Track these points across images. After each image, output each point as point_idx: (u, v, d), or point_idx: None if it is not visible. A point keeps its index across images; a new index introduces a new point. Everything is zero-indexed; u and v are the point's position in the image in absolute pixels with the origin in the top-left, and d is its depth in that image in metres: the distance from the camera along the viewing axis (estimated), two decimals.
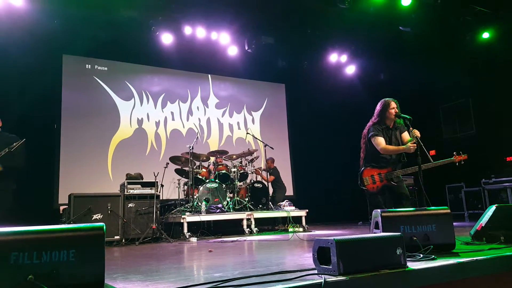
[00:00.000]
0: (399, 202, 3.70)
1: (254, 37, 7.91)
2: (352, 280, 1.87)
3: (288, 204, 6.69)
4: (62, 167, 6.95)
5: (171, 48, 7.62)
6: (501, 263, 2.42)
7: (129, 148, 7.70)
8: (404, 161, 3.83)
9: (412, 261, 2.24)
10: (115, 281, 2.21)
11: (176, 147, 7.66)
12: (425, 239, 2.53)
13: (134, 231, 5.28)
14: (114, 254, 4.08)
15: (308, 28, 7.77)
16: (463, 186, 8.45)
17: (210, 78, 9.00)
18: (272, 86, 9.80)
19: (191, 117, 8.59)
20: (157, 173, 5.72)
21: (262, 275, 2.06)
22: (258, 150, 8.01)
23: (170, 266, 2.91)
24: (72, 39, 7.03)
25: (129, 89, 8.02)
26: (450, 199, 8.68)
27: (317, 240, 2.07)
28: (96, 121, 7.47)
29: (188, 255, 3.75)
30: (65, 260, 1.77)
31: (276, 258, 3.08)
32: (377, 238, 2.10)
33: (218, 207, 5.97)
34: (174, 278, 2.22)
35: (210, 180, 6.32)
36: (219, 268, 2.60)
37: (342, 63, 9.17)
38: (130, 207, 5.41)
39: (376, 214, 2.62)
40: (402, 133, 3.88)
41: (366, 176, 3.87)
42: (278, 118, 9.67)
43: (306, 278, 1.90)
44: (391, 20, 7.31)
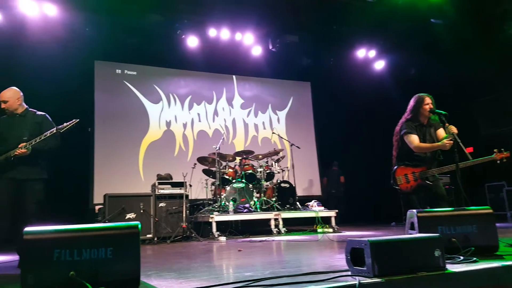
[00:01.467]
0: (435, 202, 3.55)
1: (278, 36, 7.89)
2: (387, 282, 1.81)
3: (317, 204, 6.60)
4: (96, 169, 7.23)
5: (196, 50, 7.75)
6: None
7: (159, 150, 7.87)
8: (440, 159, 3.67)
9: (451, 264, 2.15)
10: (149, 278, 2.25)
11: (203, 147, 7.75)
12: (466, 241, 2.41)
13: (165, 229, 5.39)
14: (147, 252, 4.17)
15: (333, 24, 7.65)
16: (504, 185, 8.02)
17: (234, 79, 9.05)
18: (297, 85, 9.73)
19: (216, 118, 8.67)
20: (185, 174, 5.83)
21: (293, 276, 2.04)
22: (284, 149, 7.97)
23: (201, 264, 2.94)
24: (103, 45, 7.28)
25: (157, 92, 8.19)
26: (490, 198, 8.25)
27: (350, 241, 2.03)
28: (127, 124, 7.69)
29: (218, 254, 3.78)
30: (103, 257, 1.83)
31: (306, 259, 3.04)
32: (414, 239, 2.03)
33: (246, 206, 5.98)
34: (206, 276, 2.24)
35: (236, 180, 6.35)
36: (249, 268, 2.60)
37: (370, 58, 8.96)
38: (161, 206, 5.53)
39: (411, 214, 2.53)
40: (437, 130, 3.71)
41: (399, 175, 3.74)
42: (304, 116, 9.59)
43: (339, 279, 1.86)
44: (421, 13, 7.06)
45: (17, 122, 3.63)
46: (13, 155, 3.43)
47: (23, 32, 6.31)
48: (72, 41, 6.84)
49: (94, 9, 6.53)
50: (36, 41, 6.40)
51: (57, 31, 6.51)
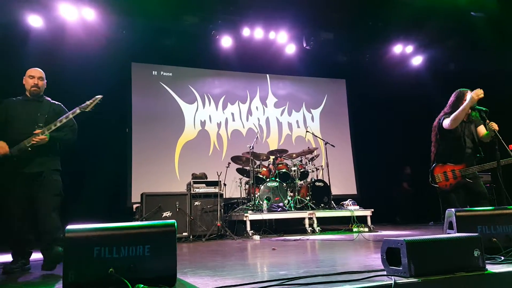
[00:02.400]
0: (475, 201, 3.41)
1: (312, 34, 7.81)
2: (424, 283, 1.78)
3: (352, 203, 6.50)
4: (134, 168, 7.50)
5: (230, 50, 7.85)
6: None
7: (194, 149, 8.06)
8: (480, 156, 3.52)
9: (492, 264, 2.07)
10: (185, 276, 2.32)
11: (237, 147, 7.86)
12: (507, 241, 2.32)
13: (201, 228, 5.51)
14: (183, 250, 4.29)
15: (369, 20, 7.48)
16: None
17: (268, 78, 9.07)
18: (332, 82, 9.60)
19: (250, 117, 8.74)
20: (220, 173, 5.93)
21: (327, 275, 2.04)
22: (318, 148, 7.89)
23: (236, 262, 2.99)
24: (139, 47, 7.54)
25: (192, 92, 8.39)
26: None
27: (385, 240, 2.00)
28: (163, 124, 7.94)
29: (252, 253, 3.82)
30: (141, 254, 1.89)
31: (341, 258, 3.02)
32: (451, 239, 1.97)
33: (280, 205, 5.99)
34: (241, 275, 2.28)
35: (270, 179, 6.38)
36: (283, 267, 2.62)
37: (407, 54, 8.67)
38: (196, 205, 5.66)
39: (450, 213, 2.45)
40: (478, 127, 3.57)
41: (438, 173, 3.62)
42: (338, 114, 9.45)
43: (374, 279, 1.84)
44: (460, 5, 6.75)
45: (34, 107, 3.22)
46: (30, 144, 2.99)
47: (63, 36, 6.59)
48: (109, 44, 7.09)
49: (131, 12, 6.75)
50: (75, 44, 6.68)
51: (95, 34, 6.78)
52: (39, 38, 6.48)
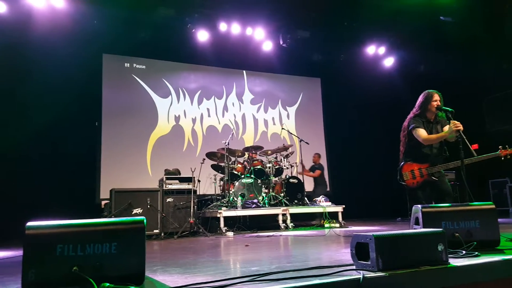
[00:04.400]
0: (440, 198, 3.55)
1: (289, 32, 7.86)
2: (391, 276, 1.82)
3: (324, 199, 6.62)
4: (103, 164, 7.29)
5: (206, 45, 7.76)
6: None
7: (167, 145, 7.94)
8: (446, 155, 3.67)
9: (454, 258, 2.16)
10: (155, 274, 2.27)
11: (212, 143, 7.80)
12: (468, 236, 2.42)
13: (173, 225, 5.43)
14: (154, 247, 4.21)
15: (344, 21, 7.60)
16: (507, 181, 8.02)
17: (245, 74, 9.05)
18: (308, 81, 9.69)
19: (226, 113, 8.70)
20: (194, 169, 5.86)
21: (299, 270, 2.05)
22: (294, 145, 7.97)
23: (208, 259, 2.97)
24: (111, 38, 7.30)
25: (167, 86, 8.24)
26: (494, 194, 8.28)
27: (355, 235, 2.04)
28: (135, 118, 7.76)
29: (225, 249, 3.80)
30: (107, 252, 1.82)
31: (313, 254, 3.06)
32: (417, 234, 2.03)
33: (254, 202, 6.01)
34: (212, 272, 2.25)
35: (245, 176, 6.38)
36: (255, 262, 2.62)
37: (380, 55, 8.89)
38: (169, 201, 5.57)
39: (416, 209, 2.54)
40: (444, 127, 3.71)
41: (405, 171, 3.74)
42: (313, 113, 9.57)
43: (343, 273, 1.87)
44: (431, 10, 7.00)
45: None
46: None
47: (29, 24, 6.28)
48: (79, 34, 6.83)
49: (103, 1, 6.53)
50: (42, 33, 6.39)
51: (65, 23, 6.52)
52: (2, 26, 6.16)
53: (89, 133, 7.27)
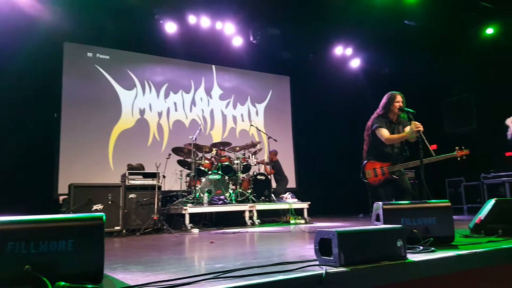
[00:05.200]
0: (400, 196, 3.70)
1: (259, 28, 7.84)
2: (352, 271, 1.87)
3: (291, 196, 6.70)
4: (62, 157, 6.93)
5: (174, 37, 7.58)
6: (499, 256, 2.44)
7: (131, 139, 7.69)
8: (406, 155, 3.81)
9: (412, 253, 2.24)
10: (114, 272, 2.20)
11: (178, 138, 7.64)
12: (425, 232, 2.53)
13: (135, 222, 5.28)
14: (115, 245, 4.08)
15: (313, 20, 7.69)
16: (462, 180, 8.48)
17: (214, 69, 8.95)
18: (277, 78, 9.74)
19: (194, 108, 8.57)
20: (159, 164, 5.72)
21: (263, 266, 2.05)
22: (262, 142, 7.99)
23: (171, 257, 2.91)
24: (73, 26, 6.94)
25: (132, 78, 7.99)
26: (450, 193, 8.73)
27: (319, 231, 2.07)
28: (97, 111, 7.45)
29: (190, 246, 3.76)
30: (63, 250, 1.74)
31: (278, 250, 3.08)
32: (378, 230, 2.09)
33: (221, 198, 5.97)
34: (175, 269, 2.22)
35: (212, 172, 6.32)
36: (220, 259, 2.60)
37: (347, 56, 9.09)
38: (131, 197, 5.41)
39: (377, 206, 2.62)
40: (405, 128, 3.85)
41: (368, 169, 3.85)
42: (282, 110, 9.63)
43: (307, 269, 1.89)
44: (396, 14, 7.24)
45: None
46: None
47: None
48: (39, 20, 6.45)
49: None
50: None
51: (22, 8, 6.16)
52: None
53: (47, 124, 6.89)
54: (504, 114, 5.56)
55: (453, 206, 2.81)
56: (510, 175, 7.39)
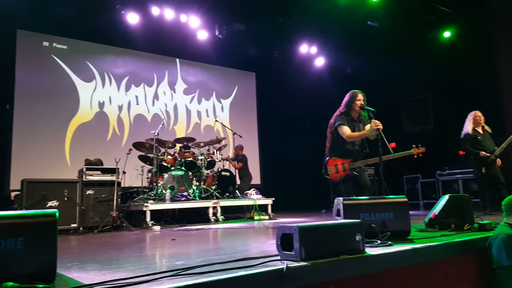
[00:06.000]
0: (360, 191, 3.81)
1: (225, 23, 7.77)
2: (313, 266, 1.89)
3: (255, 192, 6.72)
4: (14, 151, 6.54)
5: (137, 29, 7.34)
6: (451, 249, 2.57)
7: (89, 133, 7.38)
8: (366, 152, 3.94)
9: (370, 247, 2.31)
10: (69, 271, 2.11)
11: (140, 132, 7.42)
12: (383, 226, 2.62)
13: (93, 219, 5.08)
14: (71, 243, 3.92)
15: (279, 17, 7.73)
16: (419, 177, 8.88)
17: (178, 62, 8.77)
18: (243, 74, 9.71)
19: (157, 102, 8.35)
20: (118, 159, 5.53)
21: (225, 262, 2.04)
22: (227, 138, 7.95)
23: (130, 254, 2.83)
24: (28, 13, 6.54)
25: (91, 70, 7.65)
26: (407, 189, 9.11)
27: (280, 227, 2.08)
28: (53, 103, 7.07)
29: (150, 244, 3.67)
30: (12, 248, 1.65)
31: (241, 246, 3.08)
32: (338, 225, 2.14)
33: (184, 195, 5.88)
34: (133, 267, 2.15)
35: (175, 168, 6.20)
36: (181, 256, 2.56)
37: (312, 54, 9.23)
38: (89, 194, 5.20)
39: (338, 202, 2.68)
40: (365, 126, 3.97)
41: (330, 166, 3.94)
42: (247, 106, 9.63)
43: (269, 264, 1.90)
44: (360, 14, 7.43)
45: None
46: None
47: None
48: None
49: None
50: None
51: None
52: None
53: None
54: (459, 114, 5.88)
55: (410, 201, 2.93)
56: (463, 172, 7.77)
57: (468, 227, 3.14)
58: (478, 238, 2.78)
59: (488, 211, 5.18)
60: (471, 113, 5.62)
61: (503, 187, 5.22)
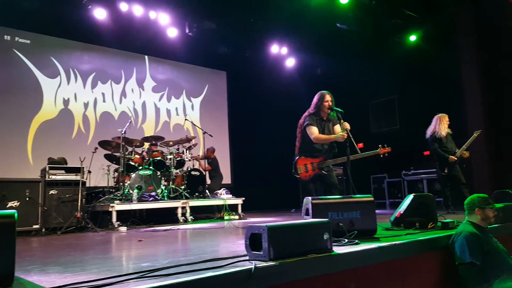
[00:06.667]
0: (328, 190, 3.89)
1: (195, 21, 7.66)
2: (281, 265, 1.90)
3: (225, 192, 6.69)
4: None
5: (104, 24, 7.11)
6: (416, 247, 2.66)
7: (53, 130, 7.08)
8: (335, 152, 4.02)
9: (337, 246, 2.35)
10: (29, 274, 2.01)
11: (106, 131, 7.18)
12: (350, 225, 2.68)
13: (56, 220, 4.89)
14: (32, 245, 3.75)
15: (250, 17, 7.73)
16: (386, 177, 9.16)
17: (147, 60, 8.57)
18: (214, 73, 9.63)
19: (124, 100, 8.12)
20: (83, 158, 5.34)
21: (192, 263, 2.01)
22: (197, 137, 7.85)
23: (94, 256, 2.73)
24: None
25: (55, 65, 7.33)
26: (374, 188, 9.37)
27: (249, 227, 2.07)
28: (15, 99, 6.72)
29: (116, 245, 3.57)
30: None
31: (210, 246, 3.05)
32: (306, 224, 2.16)
33: (152, 195, 5.76)
34: (97, 269, 2.08)
35: (143, 167, 6.06)
36: (148, 258, 2.50)
37: (283, 55, 9.30)
38: (52, 194, 4.99)
39: (307, 201, 2.71)
40: (334, 126, 4.07)
41: (300, 165, 3.99)
42: (218, 105, 9.56)
43: (237, 264, 1.89)
44: (329, 17, 7.55)
45: None
46: None
47: None
48: None
49: None
50: None
51: None
52: None
53: None
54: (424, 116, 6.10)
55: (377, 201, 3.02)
56: (427, 172, 8.06)
57: (432, 225, 3.26)
58: (442, 236, 2.88)
59: (451, 210, 5.37)
60: (441, 116, 5.73)
61: (464, 187, 5.46)
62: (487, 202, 2.94)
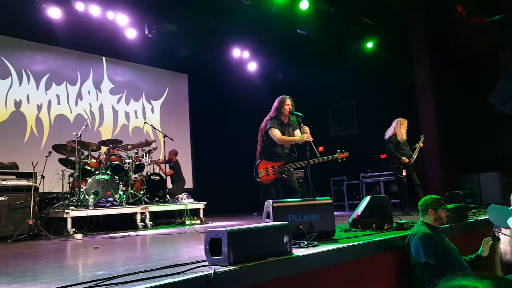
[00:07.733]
0: (289, 194, 3.95)
1: (155, 22, 7.51)
2: (241, 269, 1.91)
3: (187, 196, 6.59)
4: None
5: (59, 24, 6.80)
6: (373, 248, 2.76)
7: (3, 134, 6.64)
8: (295, 156, 4.10)
9: (297, 248, 2.39)
10: None
11: (61, 134, 6.85)
12: (310, 227, 2.73)
13: (6, 227, 4.59)
14: None
15: (212, 20, 7.70)
16: (345, 179, 9.44)
17: (104, 61, 8.28)
18: (174, 75, 9.48)
19: (80, 102, 7.79)
20: (36, 163, 5.06)
21: (150, 270, 1.97)
22: (157, 140, 7.69)
23: (46, 265, 2.60)
24: None
25: (6, 66, 6.90)
26: (334, 190, 9.63)
27: (209, 231, 2.06)
28: None
29: (71, 253, 3.43)
30: None
31: (170, 252, 2.99)
32: (266, 228, 2.18)
33: (109, 200, 5.56)
34: (49, 279, 1.99)
35: (100, 172, 5.84)
36: (104, 266, 2.42)
37: (245, 59, 9.34)
38: (2, 200, 4.69)
39: (268, 204, 2.74)
40: (295, 130, 4.16)
41: (261, 169, 4.03)
42: (179, 108, 9.42)
43: (196, 270, 1.88)
44: (290, 22, 7.70)
45: None
46: None
47: None
48: None
49: None
50: None
51: None
52: None
53: None
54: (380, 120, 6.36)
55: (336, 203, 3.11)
56: (384, 174, 8.37)
57: (388, 226, 3.39)
58: (397, 236, 2.98)
59: (407, 211, 5.56)
60: (401, 120, 5.97)
61: (419, 188, 5.74)
62: (439, 203, 3.03)
